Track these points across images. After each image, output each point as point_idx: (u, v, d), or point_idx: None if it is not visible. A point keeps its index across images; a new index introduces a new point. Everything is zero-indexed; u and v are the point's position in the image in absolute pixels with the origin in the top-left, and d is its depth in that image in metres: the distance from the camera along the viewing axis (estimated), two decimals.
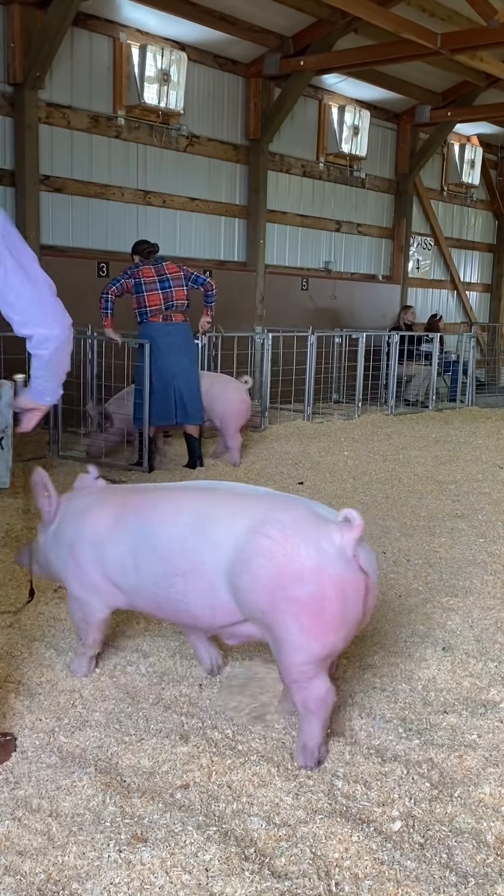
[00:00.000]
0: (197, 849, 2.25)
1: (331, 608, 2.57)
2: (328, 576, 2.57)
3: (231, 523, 2.74)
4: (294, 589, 2.59)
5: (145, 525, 2.93)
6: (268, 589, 2.62)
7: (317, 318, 11.87)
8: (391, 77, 11.64)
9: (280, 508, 2.74)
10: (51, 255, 8.80)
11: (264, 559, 2.62)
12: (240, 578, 2.68)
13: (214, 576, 2.75)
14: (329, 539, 2.60)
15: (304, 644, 2.60)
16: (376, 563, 2.76)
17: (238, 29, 9.73)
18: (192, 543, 2.80)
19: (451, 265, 14.84)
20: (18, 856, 2.25)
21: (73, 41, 8.75)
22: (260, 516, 2.71)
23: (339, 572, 2.58)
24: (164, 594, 2.88)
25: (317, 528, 2.63)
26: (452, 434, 9.45)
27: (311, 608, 2.57)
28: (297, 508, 2.74)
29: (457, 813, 2.50)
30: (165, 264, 6.93)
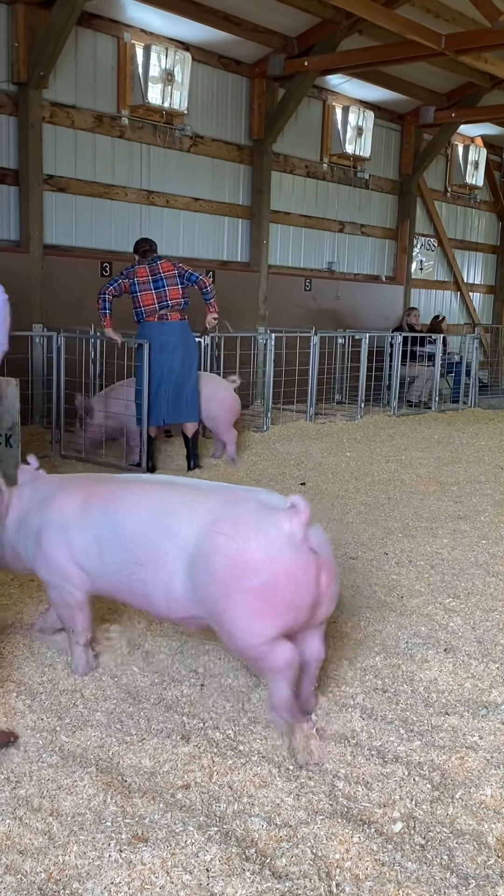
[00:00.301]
0: (198, 849, 2.25)
1: (282, 593, 2.71)
2: (278, 563, 2.71)
3: (189, 518, 2.88)
4: (247, 579, 2.72)
5: (110, 515, 3.06)
6: (223, 582, 2.75)
7: (320, 318, 11.87)
8: (395, 78, 11.64)
9: (231, 504, 2.88)
10: (54, 254, 8.81)
11: (219, 555, 2.76)
12: (198, 574, 2.81)
13: (174, 567, 2.88)
14: (278, 527, 2.74)
15: (258, 628, 2.74)
16: (329, 544, 2.88)
17: (242, 29, 9.73)
18: (154, 536, 2.93)
19: (454, 266, 14.83)
20: (19, 855, 2.25)
21: (78, 41, 8.75)
22: (214, 513, 2.85)
23: (289, 558, 2.72)
24: (126, 581, 3.01)
25: (266, 519, 2.77)
26: (455, 435, 9.44)
27: (264, 595, 2.71)
28: (247, 502, 2.88)
29: (458, 814, 2.49)
30: (160, 263, 6.91)
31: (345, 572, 4.64)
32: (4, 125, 8.35)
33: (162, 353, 6.89)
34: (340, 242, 12.58)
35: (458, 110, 12.40)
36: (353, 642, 3.71)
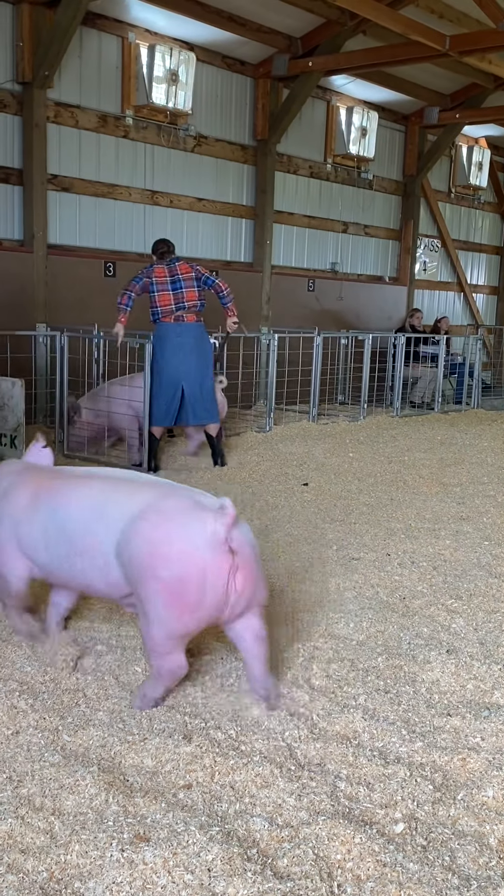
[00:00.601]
0: (199, 849, 2.25)
1: (191, 591, 2.84)
2: (192, 561, 2.84)
3: (123, 508, 3.02)
4: (161, 569, 2.86)
5: (56, 509, 3.19)
6: (141, 567, 2.90)
7: (323, 319, 11.86)
8: (399, 79, 11.64)
9: (164, 497, 3.01)
10: (58, 254, 8.82)
11: (141, 541, 2.91)
12: (121, 556, 2.97)
13: (106, 555, 3.03)
14: (202, 525, 2.86)
15: (163, 619, 2.88)
16: (254, 545, 3.01)
17: (247, 30, 9.74)
18: (91, 525, 3.07)
19: (457, 267, 14.82)
20: (21, 854, 2.26)
21: (82, 40, 8.76)
22: (146, 503, 2.98)
23: (204, 558, 2.84)
24: (68, 571, 3.16)
25: (192, 516, 2.89)
26: (458, 436, 9.44)
27: (173, 588, 2.84)
28: (180, 497, 3.01)
29: (460, 816, 2.49)
30: (178, 264, 6.96)
31: (347, 573, 4.64)
32: (9, 125, 8.36)
33: (178, 354, 6.93)
34: (344, 243, 12.57)
35: (463, 111, 12.39)
36: (355, 643, 3.71)
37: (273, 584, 4.43)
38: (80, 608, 3.93)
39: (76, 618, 3.85)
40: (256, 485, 6.68)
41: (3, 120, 8.32)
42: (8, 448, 6.17)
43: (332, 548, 5.11)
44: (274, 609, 4.09)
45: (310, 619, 3.97)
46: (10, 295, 8.40)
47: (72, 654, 3.43)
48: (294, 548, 5.08)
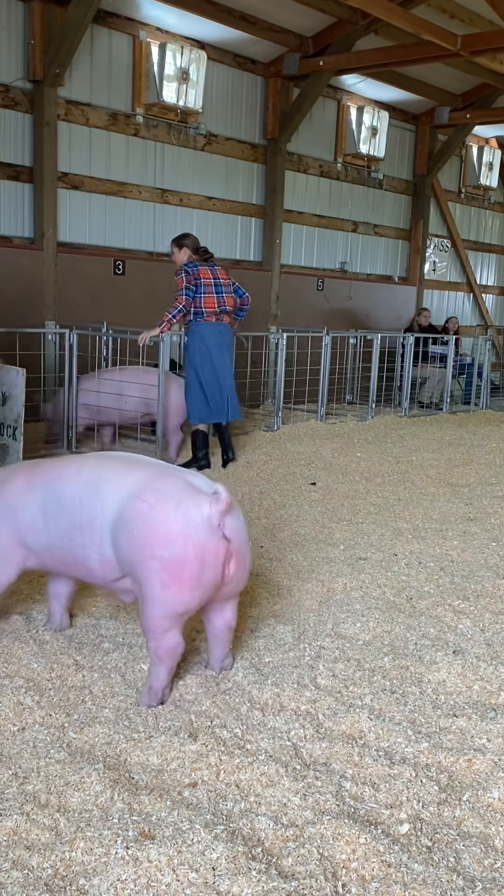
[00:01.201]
0: (204, 847, 2.25)
1: (189, 570, 2.90)
2: (191, 541, 2.90)
3: (119, 486, 3.07)
4: (160, 549, 2.91)
5: (51, 484, 3.24)
6: (138, 547, 2.94)
7: (332, 318, 11.85)
8: (410, 78, 11.62)
9: (160, 477, 3.07)
10: (67, 251, 8.84)
11: (139, 521, 2.95)
12: (118, 536, 3.01)
13: (102, 531, 3.07)
14: (198, 508, 2.93)
15: (162, 598, 2.93)
16: (246, 533, 3.11)
17: (258, 28, 9.74)
18: (87, 500, 3.12)
19: (467, 267, 14.79)
20: (26, 850, 2.26)
21: (93, 39, 8.77)
22: (142, 482, 3.04)
23: (202, 539, 2.91)
24: (68, 547, 3.17)
25: (188, 497, 2.95)
26: (466, 437, 9.42)
27: (172, 568, 2.89)
28: (175, 478, 3.08)
29: (465, 817, 2.49)
30: (218, 269, 7.12)
31: (354, 573, 4.63)
32: (20, 122, 8.38)
33: (220, 352, 7.11)
34: (353, 242, 12.56)
35: (473, 111, 12.37)
36: (361, 643, 3.71)
37: (280, 582, 4.43)
38: (87, 605, 3.94)
39: (82, 614, 3.86)
40: (264, 484, 6.68)
41: (13, 118, 8.33)
42: (10, 440, 6.14)
43: (340, 547, 5.10)
44: (281, 607, 4.09)
45: (316, 618, 3.97)
46: (20, 292, 8.42)
47: None
48: (301, 547, 5.08)
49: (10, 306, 8.36)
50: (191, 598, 2.95)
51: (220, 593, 3.08)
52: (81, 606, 3.93)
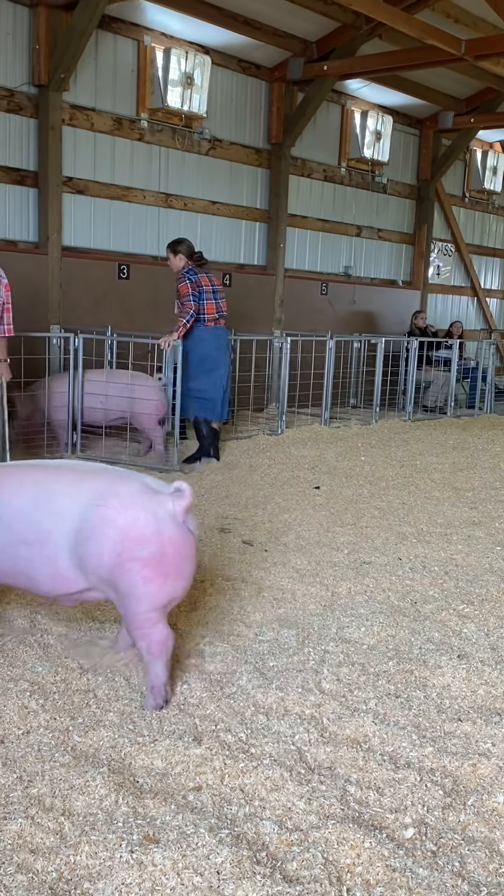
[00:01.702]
0: (209, 851, 2.25)
1: (169, 563, 3.01)
2: (166, 537, 3.01)
3: (75, 497, 3.09)
4: (138, 550, 2.99)
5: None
6: (114, 552, 2.99)
7: (336, 322, 11.85)
8: (414, 83, 11.62)
9: (116, 482, 3.14)
10: (72, 256, 8.84)
11: (108, 528, 3.00)
12: (84, 547, 3.03)
13: (57, 545, 3.07)
14: (163, 507, 3.03)
15: (147, 594, 3.01)
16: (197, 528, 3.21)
17: (262, 33, 9.75)
18: (38, 514, 3.11)
19: (471, 272, 14.79)
20: (31, 854, 2.26)
21: (98, 44, 8.79)
22: (100, 490, 3.08)
23: (174, 534, 3.03)
24: (10, 561, 3.16)
25: (151, 498, 3.05)
26: (470, 441, 9.41)
27: (154, 564, 2.99)
28: (131, 481, 3.15)
29: (470, 821, 2.48)
30: (212, 275, 7.40)
31: (358, 577, 4.63)
32: (25, 127, 8.40)
33: (224, 354, 7.46)
34: (357, 247, 12.57)
35: (478, 116, 12.37)
36: (365, 647, 3.70)
37: (284, 586, 4.43)
38: (91, 609, 3.94)
39: (86, 619, 3.86)
40: (268, 487, 6.68)
41: (18, 122, 8.35)
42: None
43: (344, 551, 5.10)
44: (285, 612, 4.09)
45: (320, 622, 3.97)
46: (24, 296, 8.41)
47: None
48: (305, 551, 5.08)
49: (15, 310, 8.32)
50: (174, 588, 3.06)
51: None
52: (87, 611, 3.94)
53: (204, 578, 4.45)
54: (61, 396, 7.37)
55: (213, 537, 5.26)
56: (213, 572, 4.59)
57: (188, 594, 4.20)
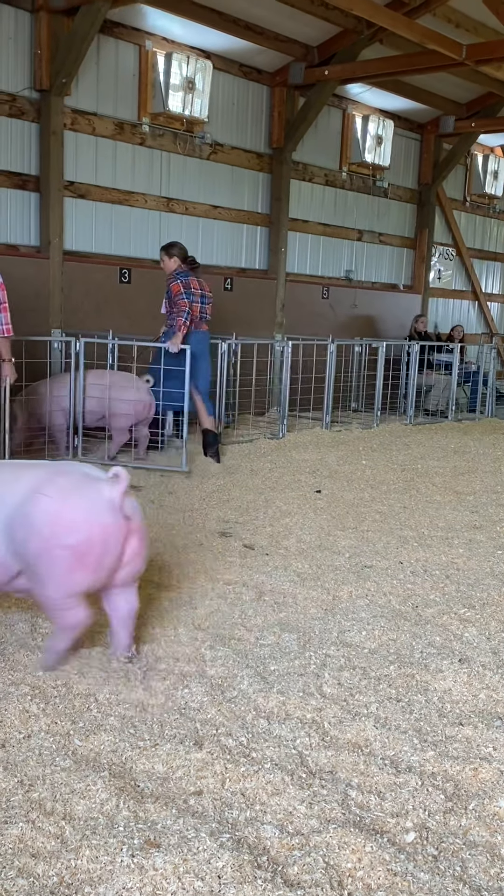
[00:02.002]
0: (210, 855, 2.25)
1: (94, 553, 3.10)
2: (95, 525, 3.10)
3: (13, 487, 3.21)
4: (66, 537, 3.08)
5: None
6: (43, 538, 3.09)
7: (337, 326, 11.86)
8: (415, 87, 11.64)
9: (56, 473, 3.26)
10: (74, 260, 8.86)
11: (42, 514, 3.10)
12: (17, 532, 3.14)
13: None
14: (99, 492, 3.13)
15: (65, 581, 3.11)
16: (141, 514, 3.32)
17: (263, 38, 9.77)
18: None
19: (472, 276, 14.80)
20: (32, 858, 2.26)
21: (100, 48, 8.81)
22: (39, 480, 3.20)
23: (105, 521, 3.11)
24: None
25: (88, 484, 3.17)
26: (471, 445, 9.41)
27: (79, 553, 3.07)
28: (71, 472, 3.27)
29: (471, 826, 2.48)
30: (202, 281, 7.55)
31: (359, 581, 4.63)
32: (26, 132, 8.42)
33: (200, 356, 7.56)
34: (359, 251, 12.58)
35: (479, 120, 12.39)
36: (367, 651, 3.70)
37: (285, 590, 4.43)
38: (92, 613, 3.94)
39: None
40: (269, 491, 6.68)
41: (20, 127, 8.37)
42: None
43: (345, 555, 5.10)
44: (286, 615, 4.09)
45: (321, 626, 3.97)
46: (26, 300, 8.44)
47: None
48: (306, 555, 5.08)
49: (17, 314, 8.33)
50: (94, 579, 3.16)
51: (123, 574, 3.25)
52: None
53: (204, 582, 4.45)
54: (55, 400, 7.36)
55: (213, 541, 5.26)
56: (213, 576, 4.59)
57: (188, 598, 4.21)
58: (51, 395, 7.35)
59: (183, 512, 5.92)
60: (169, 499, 6.29)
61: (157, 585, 4.40)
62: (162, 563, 4.78)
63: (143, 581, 4.42)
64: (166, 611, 4.05)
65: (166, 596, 4.24)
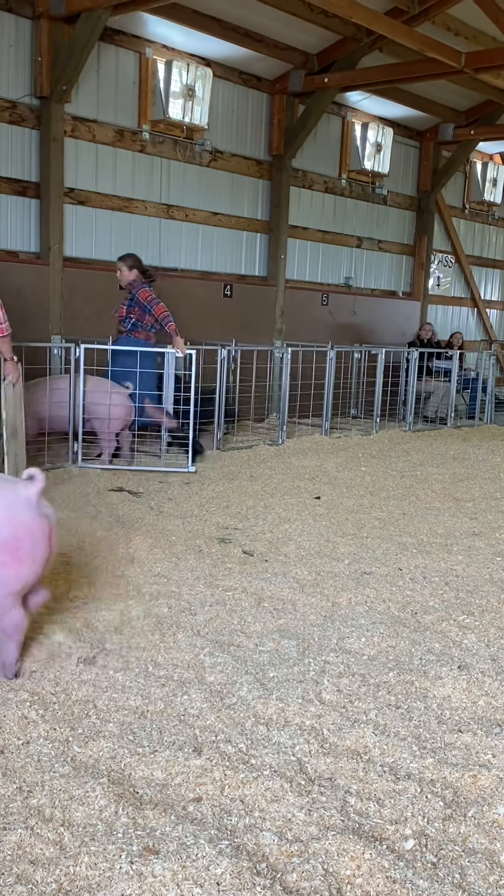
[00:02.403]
0: (209, 862, 2.25)
1: (24, 547, 3.15)
2: (19, 521, 3.16)
3: None
4: None
5: None
6: None
7: (336, 333, 11.88)
8: (415, 95, 11.69)
9: None
10: (74, 266, 8.88)
11: None
12: None
13: None
14: (16, 492, 3.21)
15: (7, 577, 3.15)
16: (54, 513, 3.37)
17: (263, 46, 9.81)
18: None
19: (471, 283, 14.83)
20: (30, 865, 2.26)
21: (100, 56, 8.84)
22: None
23: (27, 518, 3.18)
24: None
25: (4, 485, 3.27)
26: (471, 451, 9.42)
27: (8, 548, 3.12)
28: None
29: (470, 833, 2.48)
30: None
31: (358, 587, 4.63)
32: (27, 138, 8.44)
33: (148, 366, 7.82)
34: (358, 258, 12.60)
35: (478, 128, 12.43)
36: (366, 658, 3.70)
37: (284, 597, 4.43)
38: (91, 619, 3.94)
39: (87, 629, 3.86)
40: (268, 498, 6.68)
41: (21, 134, 8.39)
42: None
43: (344, 562, 5.10)
44: (285, 622, 4.09)
45: (321, 633, 3.97)
46: (26, 307, 8.46)
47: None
48: (305, 561, 5.08)
49: (17, 320, 8.33)
50: (28, 573, 3.19)
51: (44, 569, 3.30)
52: (86, 622, 3.94)
53: (203, 588, 4.45)
54: (29, 407, 7.34)
55: (213, 547, 5.26)
56: (213, 582, 4.59)
57: (187, 605, 4.21)
58: (25, 403, 7.31)
59: (182, 518, 5.92)
60: (168, 505, 6.29)
61: (155, 592, 4.40)
62: (160, 569, 4.78)
63: (141, 588, 4.43)
64: (165, 617, 4.05)
65: (165, 602, 4.24)
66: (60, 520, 5.55)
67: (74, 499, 6.23)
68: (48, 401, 7.37)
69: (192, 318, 9.57)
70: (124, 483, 6.90)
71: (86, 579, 4.49)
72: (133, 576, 4.63)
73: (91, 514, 5.81)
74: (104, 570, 4.67)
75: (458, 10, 9.95)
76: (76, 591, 4.31)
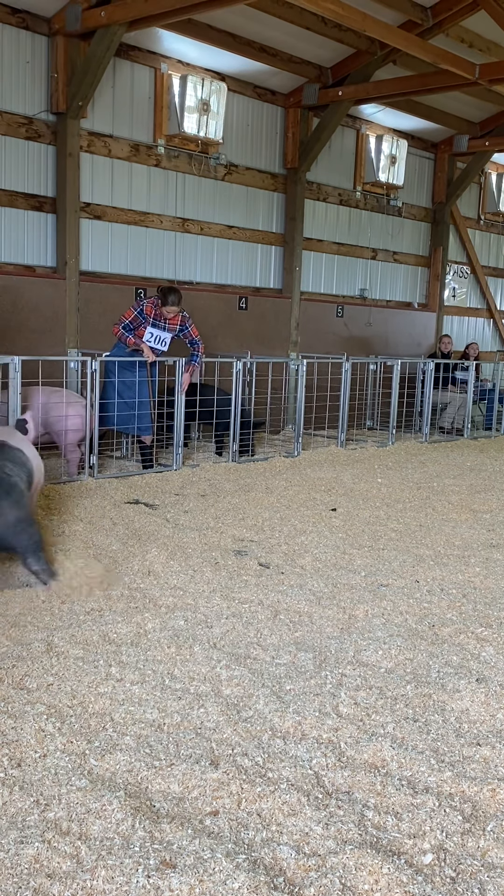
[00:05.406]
0: (226, 876, 2.24)
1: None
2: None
3: None
4: None
5: None
6: None
7: (351, 344, 11.89)
8: (429, 107, 11.71)
9: None
10: (90, 280, 8.93)
11: None
12: None
13: None
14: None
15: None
16: None
17: (277, 60, 9.86)
18: None
19: (487, 293, 14.80)
20: (47, 878, 2.25)
21: (116, 71, 8.92)
22: None
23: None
24: None
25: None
26: (488, 463, 9.38)
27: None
28: None
29: (489, 847, 2.46)
30: None
31: (375, 600, 4.61)
32: (43, 154, 8.51)
33: None
34: (373, 269, 12.62)
35: (492, 139, 12.43)
36: (383, 671, 3.68)
37: (301, 609, 4.42)
38: (108, 632, 3.95)
39: (103, 641, 3.86)
40: (284, 509, 6.67)
41: (37, 149, 8.47)
42: None
43: (361, 574, 5.09)
44: (302, 634, 4.07)
45: (337, 645, 3.95)
46: (43, 320, 8.52)
47: None
48: (322, 573, 5.07)
49: (34, 334, 8.44)
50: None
51: None
52: (103, 633, 3.94)
53: (220, 601, 4.45)
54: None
55: (229, 559, 5.25)
56: (229, 595, 4.58)
57: (204, 617, 4.21)
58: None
59: (198, 530, 5.92)
60: (184, 518, 6.29)
61: (172, 605, 4.40)
62: (177, 581, 4.78)
63: (157, 601, 4.43)
64: (181, 630, 4.05)
65: (181, 615, 4.24)
66: (77, 532, 5.57)
67: (90, 511, 6.24)
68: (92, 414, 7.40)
69: (207, 330, 9.60)
70: (140, 495, 6.92)
71: (102, 592, 4.50)
72: (149, 588, 4.64)
73: (107, 527, 5.82)
74: (120, 583, 4.68)
75: (472, 23, 9.97)
76: (92, 602, 4.31)
